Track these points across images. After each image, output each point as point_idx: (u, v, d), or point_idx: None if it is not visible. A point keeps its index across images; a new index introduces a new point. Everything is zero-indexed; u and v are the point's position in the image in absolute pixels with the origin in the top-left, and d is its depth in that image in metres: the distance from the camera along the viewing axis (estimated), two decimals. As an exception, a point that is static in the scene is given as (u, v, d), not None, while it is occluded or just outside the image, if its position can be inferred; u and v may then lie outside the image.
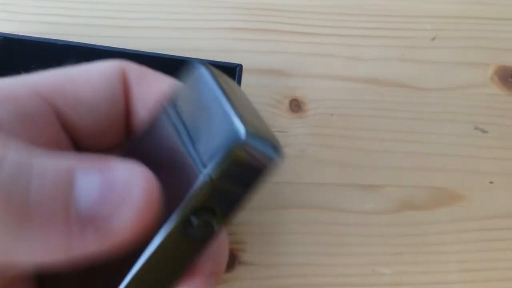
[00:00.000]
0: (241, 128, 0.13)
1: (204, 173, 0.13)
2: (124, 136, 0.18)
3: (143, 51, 0.34)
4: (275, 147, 0.14)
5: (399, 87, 0.39)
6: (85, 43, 0.34)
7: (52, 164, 0.12)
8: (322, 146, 0.36)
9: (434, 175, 0.36)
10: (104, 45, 0.34)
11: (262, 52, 0.39)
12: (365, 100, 0.38)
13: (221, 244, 0.17)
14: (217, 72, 0.15)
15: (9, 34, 0.35)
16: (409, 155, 0.37)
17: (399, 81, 0.39)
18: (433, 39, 0.41)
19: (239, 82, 0.34)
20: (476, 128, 0.38)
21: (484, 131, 0.38)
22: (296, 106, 0.38)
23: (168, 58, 0.34)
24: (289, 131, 0.36)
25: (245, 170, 0.13)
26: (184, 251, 0.14)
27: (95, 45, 0.35)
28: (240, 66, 0.34)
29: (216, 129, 0.13)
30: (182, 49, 0.38)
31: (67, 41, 0.35)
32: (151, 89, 0.17)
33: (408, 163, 0.36)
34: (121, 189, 0.13)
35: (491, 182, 0.36)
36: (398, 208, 0.35)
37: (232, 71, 0.34)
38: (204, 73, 0.15)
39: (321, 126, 0.37)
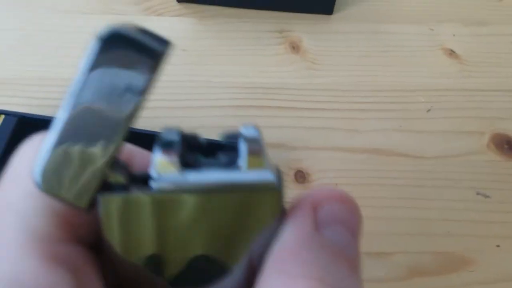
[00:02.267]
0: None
1: None
2: None
3: (151, 131, 0.36)
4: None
5: (399, 156, 0.40)
6: None
7: None
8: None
9: (441, 240, 0.36)
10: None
11: (266, 127, 0.41)
12: (367, 170, 0.39)
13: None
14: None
15: (25, 113, 0.37)
16: (414, 221, 0.37)
17: (398, 151, 0.41)
18: (429, 110, 0.43)
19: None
20: (478, 194, 0.39)
21: (486, 196, 0.38)
22: (301, 177, 0.39)
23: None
24: (295, 201, 0.37)
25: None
26: None
27: None
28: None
29: None
30: (190, 127, 0.40)
31: None
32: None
33: (414, 230, 0.37)
34: None
35: (498, 246, 0.36)
36: (408, 275, 0.35)
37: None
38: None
39: (326, 196, 0.38)
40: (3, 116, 0.36)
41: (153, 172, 0.15)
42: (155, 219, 0.15)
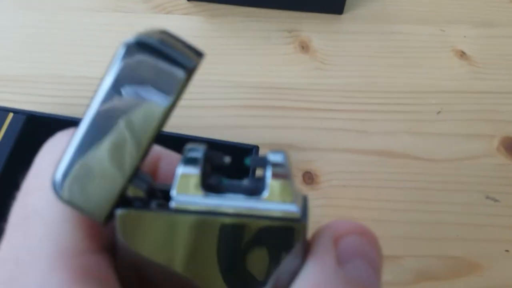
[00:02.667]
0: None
1: None
2: None
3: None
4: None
5: (408, 158, 0.40)
6: None
7: None
8: (336, 217, 0.37)
9: (450, 244, 0.36)
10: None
11: (276, 128, 0.41)
12: (376, 172, 0.39)
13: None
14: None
15: (33, 111, 0.37)
16: (423, 225, 0.37)
17: (408, 153, 0.40)
18: (439, 112, 0.43)
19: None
20: (487, 198, 0.38)
21: (496, 200, 0.38)
22: (309, 178, 0.38)
23: (184, 138, 0.35)
24: (303, 203, 0.37)
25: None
26: None
27: None
28: (256, 148, 0.35)
29: None
30: (201, 126, 0.40)
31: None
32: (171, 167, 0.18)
33: (423, 233, 0.37)
34: None
35: (507, 251, 0.36)
36: (416, 279, 0.35)
37: (249, 152, 0.35)
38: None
39: (335, 198, 0.38)
40: (11, 114, 0.36)
41: (173, 192, 0.15)
42: (170, 237, 0.15)
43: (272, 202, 0.14)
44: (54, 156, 0.15)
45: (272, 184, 0.15)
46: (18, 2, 0.48)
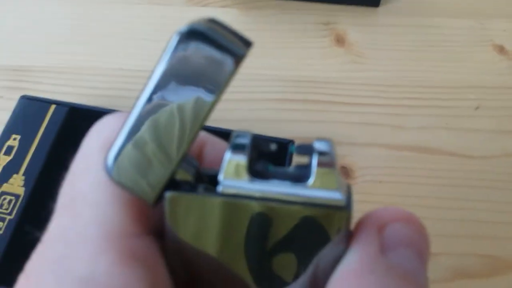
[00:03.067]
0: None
1: None
2: None
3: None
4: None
5: (445, 155, 0.40)
6: None
7: None
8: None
9: (487, 243, 0.36)
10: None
11: (310, 122, 0.41)
12: (412, 168, 0.39)
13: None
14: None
15: (76, 104, 0.38)
16: (461, 222, 0.37)
17: (445, 149, 0.40)
18: (477, 108, 0.42)
19: (290, 157, 0.35)
20: (526, 196, 0.38)
21: (535, 199, 0.38)
22: (344, 173, 0.38)
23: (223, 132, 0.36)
24: (338, 197, 0.37)
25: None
26: None
27: None
28: (291, 142, 0.35)
29: None
30: (235, 120, 0.40)
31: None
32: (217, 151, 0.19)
33: (460, 231, 0.36)
34: None
35: (547, 251, 0.35)
36: (452, 277, 0.35)
37: (285, 146, 0.35)
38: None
39: (370, 193, 0.38)
40: (54, 106, 0.37)
41: (221, 176, 0.15)
42: (219, 221, 0.15)
43: (318, 189, 0.15)
44: (102, 139, 0.16)
45: (317, 172, 0.15)
46: (58, -6, 0.49)
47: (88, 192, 0.15)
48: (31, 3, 0.48)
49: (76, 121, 0.37)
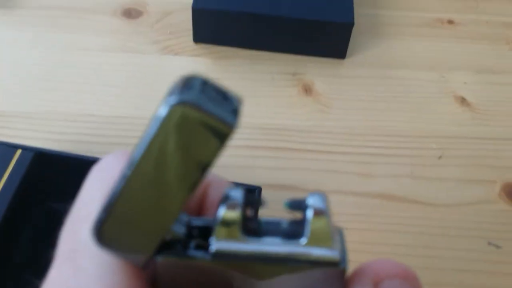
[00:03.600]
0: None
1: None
2: None
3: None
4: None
5: (410, 202, 0.40)
6: None
7: None
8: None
9: (452, 291, 0.36)
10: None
11: (278, 169, 0.41)
12: (378, 215, 0.39)
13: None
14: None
15: (42, 148, 0.37)
16: (425, 270, 0.37)
17: (409, 197, 0.41)
18: (440, 157, 0.43)
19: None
20: (489, 244, 0.38)
21: (498, 247, 0.38)
22: (311, 220, 0.39)
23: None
24: (305, 245, 0.37)
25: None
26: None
27: None
28: (259, 189, 0.36)
29: None
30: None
31: (93, 156, 0.37)
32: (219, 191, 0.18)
33: (424, 279, 0.36)
34: None
35: (510, 299, 0.36)
36: (418, 325, 0.34)
37: (253, 192, 0.35)
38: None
39: (337, 241, 0.38)
40: (20, 151, 0.37)
41: (212, 239, 0.15)
42: (209, 279, 0.15)
43: (312, 247, 0.15)
44: (102, 182, 0.15)
45: (312, 229, 0.15)
46: (32, 41, 0.49)
47: (89, 244, 0.15)
48: (3, 47, 0.48)
49: (42, 166, 0.37)
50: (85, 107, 0.44)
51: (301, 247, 0.15)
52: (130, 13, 0.52)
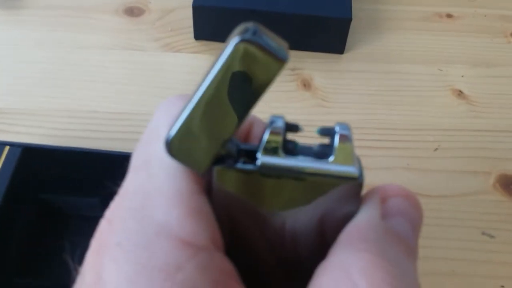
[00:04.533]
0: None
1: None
2: None
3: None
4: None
5: (406, 194, 0.41)
6: (100, 149, 0.38)
7: None
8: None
9: (445, 279, 0.37)
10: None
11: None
12: (374, 207, 0.40)
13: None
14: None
15: (29, 144, 0.38)
16: (420, 260, 0.37)
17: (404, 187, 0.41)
18: (436, 149, 0.44)
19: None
20: (483, 234, 0.39)
21: (491, 236, 0.39)
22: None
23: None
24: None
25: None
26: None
27: (109, 151, 0.38)
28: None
29: None
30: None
31: (81, 148, 0.38)
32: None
33: (419, 268, 0.37)
34: None
35: (502, 287, 0.36)
36: (411, 313, 0.35)
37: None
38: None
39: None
40: (7, 148, 0.38)
41: (259, 154, 0.18)
42: (255, 186, 0.18)
43: (337, 165, 0.18)
44: (168, 115, 0.19)
45: (337, 150, 0.18)
46: (37, 40, 0.50)
47: (160, 156, 0.18)
48: (9, 47, 0.50)
49: (31, 160, 0.37)
50: (88, 103, 0.45)
51: (328, 164, 0.18)
52: (132, 11, 0.53)
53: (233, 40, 0.16)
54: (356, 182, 0.18)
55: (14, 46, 0.50)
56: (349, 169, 0.18)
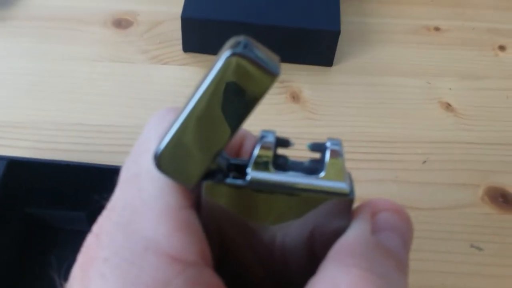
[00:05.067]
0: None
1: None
2: None
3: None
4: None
5: (395, 207, 0.41)
6: (87, 163, 0.38)
7: None
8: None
9: (435, 293, 0.37)
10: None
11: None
12: (363, 220, 0.40)
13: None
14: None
15: (14, 157, 0.37)
16: (409, 273, 0.37)
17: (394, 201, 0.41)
18: (424, 162, 0.44)
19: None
20: (472, 246, 0.39)
21: (480, 249, 0.39)
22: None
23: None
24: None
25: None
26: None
27: (96, 164, 0.38)
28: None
29: None
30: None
31: (67, 161, 0.37)
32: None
33: (409, 281, 0.37)
34: None
35: (492, 300, 0.36)
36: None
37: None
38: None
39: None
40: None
41: (249, 169, 0.18)
42: (244, 202, 0.18)
43: (328, 181, 0.18)
44: (158, 128, 0.19)
45: (328, 166, 0.18)
46: (24, 51, 0.50)
47: (150, 169, 0.18)
48: (-4, 60, 0.49)
49: (17, 173, 0.37)
50: (75, 115, 0.45)
51: (319, 180, 0.18)
52: (120, 24, 0.53)
53: (225, 54, 0.16)
54: (347, 198, 0.18)
55: (0, 57, 0.50)
56: (340, 185, 0.18)
